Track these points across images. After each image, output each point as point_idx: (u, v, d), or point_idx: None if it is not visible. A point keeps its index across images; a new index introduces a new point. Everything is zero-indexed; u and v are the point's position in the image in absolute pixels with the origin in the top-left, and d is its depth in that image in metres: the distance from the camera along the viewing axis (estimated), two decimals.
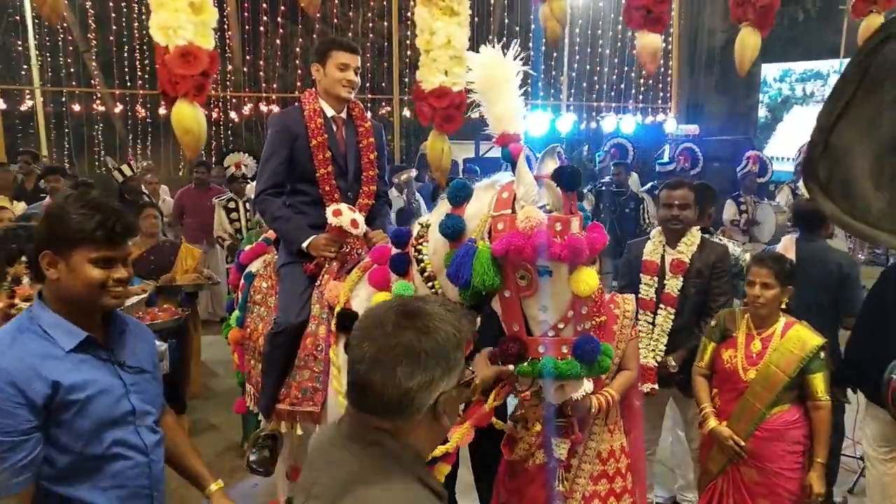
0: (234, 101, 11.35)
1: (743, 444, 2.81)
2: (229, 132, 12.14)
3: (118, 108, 10.90)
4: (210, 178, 7.30)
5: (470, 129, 12.46)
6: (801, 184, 7.72)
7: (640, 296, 3.51)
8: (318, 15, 12.44)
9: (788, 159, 11.85)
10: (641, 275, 3.52)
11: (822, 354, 2.77)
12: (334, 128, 2.90)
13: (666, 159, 8.57)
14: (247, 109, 11.18)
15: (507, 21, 12.64)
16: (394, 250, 2.40)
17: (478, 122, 2.23)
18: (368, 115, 3.11)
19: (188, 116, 2.01)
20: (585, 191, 8.05)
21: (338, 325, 2.46)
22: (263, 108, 11.01)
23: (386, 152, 3.10)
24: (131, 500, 1.76)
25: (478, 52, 2.06)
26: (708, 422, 2.94)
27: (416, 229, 2.36)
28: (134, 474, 1.76)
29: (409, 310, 1.22)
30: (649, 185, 8.09)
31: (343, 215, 2.68)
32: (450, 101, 2.08)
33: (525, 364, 1.99)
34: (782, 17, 16.50)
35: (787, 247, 3.75)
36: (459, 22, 1.97)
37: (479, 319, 2.12)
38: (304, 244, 2.73)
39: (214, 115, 11.29)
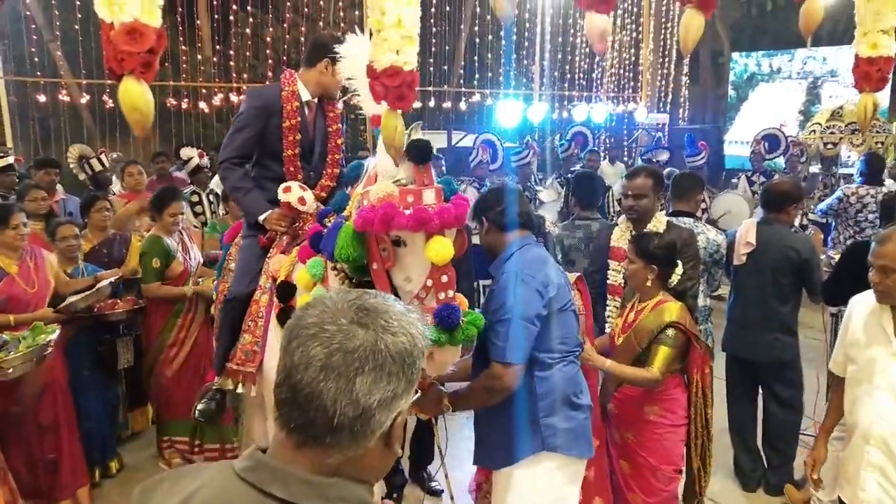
0: (203, 91, 11.20)
1: (607, 364, 2.83)
2: (200, 123, 11.99)
3: (84, 99, 10.69)
4: (173, 167, 7.21)
5: (443, 120, 12.50)
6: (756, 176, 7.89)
7: (608, 281, 3.58)
8: (288, 4, 12.34)
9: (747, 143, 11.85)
10: (610, 261, 3.59)
11: (671, 332, 2.82)
12: (307, 112, 3.03)
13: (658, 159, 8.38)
14: (217, 100, 11.04)
15: (478, 9, 12.63)
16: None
17: (449, 113, 2.36)
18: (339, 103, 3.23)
19: (135, 94, 1.99)
20: (551, 179, 8.11)
21: (279, 297, 2.66)
22: (234, 98, 10.88)
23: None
24: None
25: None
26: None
27: None
28: None
29: (368, 304, 0.96)
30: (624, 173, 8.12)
31: (291, 192, 2.78)
32: (402, 79, 2.10)
33: None
34: (751, 6, 16.71)
35: (747, 230, 3.84)
36: (409, 2, 2.02)
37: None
38: (261, 218, 2.89)
39: (185, 105, 11.14)
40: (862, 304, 2.53)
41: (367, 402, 0.90)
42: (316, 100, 3.06)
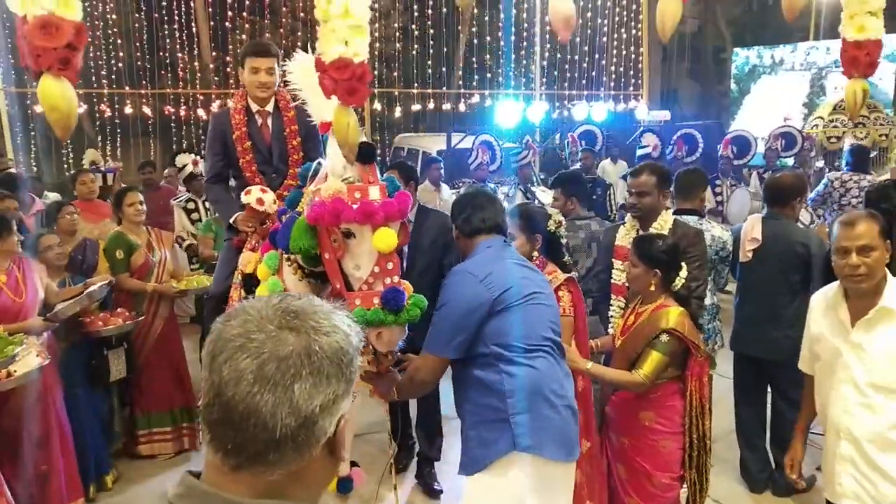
0: (202, 98, 11.17)
1: (589, 366, 2.78)
2: (200, 130, 11.96)
3: (82, 108, 10.66)
4: (162, 177, 7.35)
5: (443, 122, 12.41)
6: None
7: (612, 281, 3.49)
8: (285, 9, 12.30)
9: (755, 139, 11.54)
10: (614, 260, 3.49)
11: (664, 338, 2.71)
12: (259, 121, 3.28)
13: (645, 144, 8.37)
14: (216, 107, 10.99)
15: (475, 11, 12.55)
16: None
17: (449, 115, 2.42)
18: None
19: (54, 92, 1.89)
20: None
21: (244, 287, 2.84)
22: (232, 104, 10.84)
23: (316, 135, 3.22)
24: None
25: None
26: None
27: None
28: None
29: (294, 307, 0.89)
30: (626, 171, 8.02)
31: (250, 194, 2.99)
32: (351, 72, 2.02)
33: None
34: (752, 2, 16.61)
35: (752, 225, 3.74)
36: None
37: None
38: (231, 220, 3.18)
39: (183, 112, 11.10)
40: (820, 300, 2.52)
41: (308, 410, 0.83)
42: (270, 108, 3.27)
